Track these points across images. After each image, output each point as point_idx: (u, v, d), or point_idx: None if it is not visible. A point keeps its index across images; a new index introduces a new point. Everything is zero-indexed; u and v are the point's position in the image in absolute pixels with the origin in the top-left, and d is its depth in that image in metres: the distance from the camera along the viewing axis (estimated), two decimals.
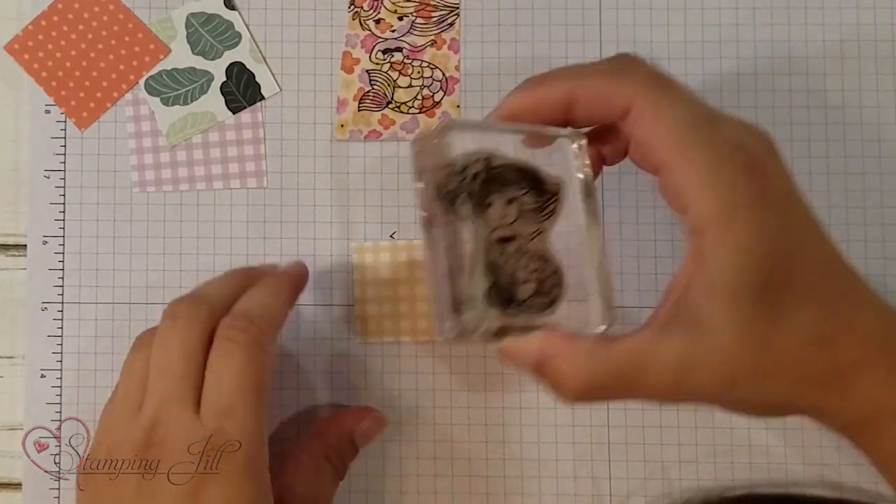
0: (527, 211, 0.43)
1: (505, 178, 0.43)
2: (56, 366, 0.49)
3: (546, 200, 0.43)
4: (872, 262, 0.49)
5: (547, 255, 0.43)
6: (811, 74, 0.50)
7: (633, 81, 0.38)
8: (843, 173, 0.49)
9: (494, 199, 0.43)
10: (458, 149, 0.42)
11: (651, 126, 0.37)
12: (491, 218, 0.43)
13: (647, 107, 0.37)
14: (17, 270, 0.50)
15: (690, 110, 0.37)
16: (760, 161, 0.37)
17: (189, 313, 0.41)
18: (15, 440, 0.49)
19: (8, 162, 0.51)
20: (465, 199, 0.42)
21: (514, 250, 0.43)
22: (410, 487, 0.48)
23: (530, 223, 0.43)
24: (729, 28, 0.50)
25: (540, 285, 0.43)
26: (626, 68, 0.39)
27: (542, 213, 0.43)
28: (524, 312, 0.42)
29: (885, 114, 0.49)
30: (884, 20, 0.50)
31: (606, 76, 0.39)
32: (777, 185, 0.37)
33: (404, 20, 0.50)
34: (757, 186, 0.36)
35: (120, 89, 0.50)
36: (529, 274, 0.43)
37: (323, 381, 0.49)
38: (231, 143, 0.50)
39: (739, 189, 0.36)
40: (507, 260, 0.43)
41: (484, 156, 0.43)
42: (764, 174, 0.37)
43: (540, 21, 0.50)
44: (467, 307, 0.42)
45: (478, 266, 0.42)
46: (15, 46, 0.51)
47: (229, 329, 0.41)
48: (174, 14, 0.51)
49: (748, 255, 0.36)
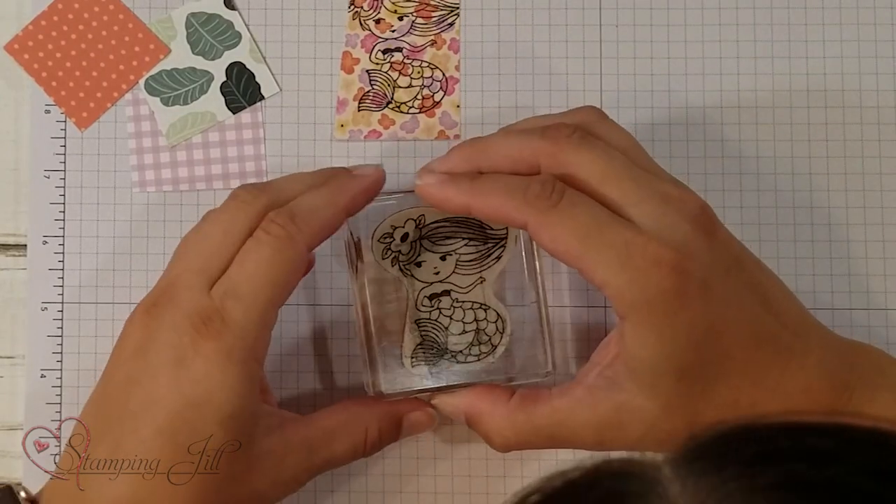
0: (466, 262, 0.44)
1: (442, 234, 0.44)
2: (56, 366, 0.49)
3: (491, 247, 0.45)
4: (872, 262, 0.49)
5: (488, 304, 0.44)
6: (811, 75, 0.50)
7: (524, 203, 0.40)
8: (844, 173, 0.49)
9: (427, 256, 0.44)
10: (391, 210, 0.44)
11: (549, 243, 0.40)
12: (422, 276, 0.45)
13: (539, 227, 0.40)
14: (17, 270, 0.50)
15: (587, 217, 0.39)
16: (674, 250, 0.38)
17: (246, 198, 0.42)
18: (15, 440, 0.49)
19: (8, 162, 0.51)
20: (395, 260, 0.44)
21: (448, 304, 0.45)
22: (410, 487, 0.48)
23: (469, 274, 0.45)
24: (729, 28, 0.50)
25: (478, 335, 0.44)
26: (520, 189, 0.40)
27: (485, 261, 0.44)
28: (461, 363, 0.44)
29: (884, 114, 0.49)
30: (884, 20, 0.50)
31: (504, 196, 0.40)
32: (695, 269, 0.38)
33: (404, 20, 0.50)
34: (671, 277, 0.38)
35: (120, 89, 0.50)
36: (466, 325, 0.45)
37: (323, 381, 0.49)
38: (231, 143, 0.50)
39: (652, 282, 0.38)
40: (439, 315, 0.45)
41: (415, 215, 0.44)
42: (680, 261, 0.38)
43: (540, 21, 0.50)
44: (382, 369, 0.44)
45: (406, 324, 0.44)
46: (15, 46, 0.51)
47: (269, 222, 0.41)
48: (174, 14, 0.51)
49: (665, 345, 0.38)
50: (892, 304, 0.48)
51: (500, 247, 0.45)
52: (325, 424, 0.44)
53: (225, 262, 0.41)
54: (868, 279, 0.49)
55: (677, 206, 0.39)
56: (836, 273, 0.49)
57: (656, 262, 0.38)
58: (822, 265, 0.49)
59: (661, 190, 0.40)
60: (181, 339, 0.40)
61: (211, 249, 0.41)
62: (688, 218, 0.39)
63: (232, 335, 0.40)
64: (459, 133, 0.50)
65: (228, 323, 0.40)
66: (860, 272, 0.49)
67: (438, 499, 0.48)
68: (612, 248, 0.38)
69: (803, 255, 0.49)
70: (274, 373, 0.49)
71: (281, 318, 0.49)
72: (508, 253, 0.45)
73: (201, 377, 0.39)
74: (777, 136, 0.49)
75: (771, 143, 0.49)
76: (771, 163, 0.49)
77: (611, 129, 0.42)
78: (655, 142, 0.49)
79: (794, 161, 0.49)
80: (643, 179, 0.40)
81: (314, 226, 0.42)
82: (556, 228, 0.39)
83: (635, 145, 0.42)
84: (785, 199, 0.49)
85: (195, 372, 0.39)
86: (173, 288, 0.41)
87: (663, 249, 0.38)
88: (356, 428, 0.44)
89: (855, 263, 0.49)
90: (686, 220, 0.39)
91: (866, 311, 0.48)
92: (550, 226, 0.39)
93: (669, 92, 0.50)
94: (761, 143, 0.49)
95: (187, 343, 0.40)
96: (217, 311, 0.40)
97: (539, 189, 0.40)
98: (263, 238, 0.41)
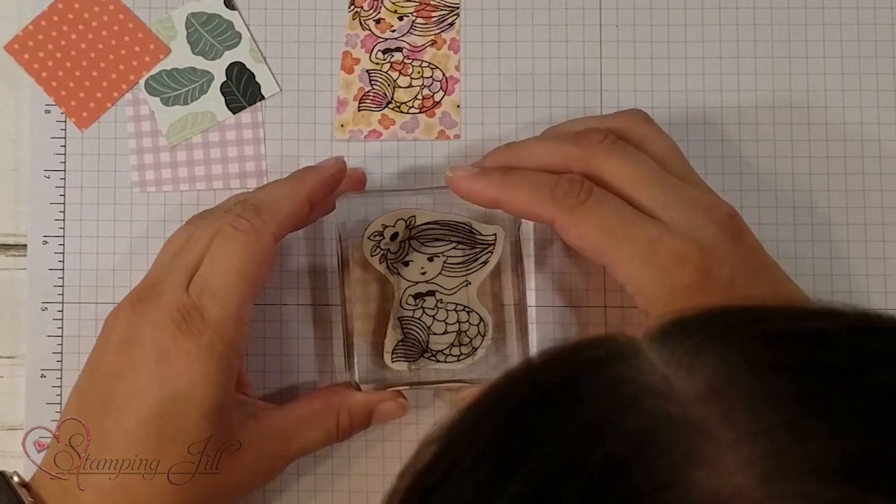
0: (453, 265, 0.45)
1: (431, 235, 0.45)
2: (56, 366, 0.49)
3: (479, 252, 0.45)
4: (872, 262, 0.49)
5: (471, 307, 0.45)
6: (811, 75, 0.50)
7: (552, 201, 0.41)
8: (844, 173, 0.49)
9: (415, 256, 0.45)
10: (382, 208, 0.46)
11: (576, 239, 0.41)
12: (409, 275, 0.46)
13: (567, 224, 0.41)
14: (17, 270, 0.50)
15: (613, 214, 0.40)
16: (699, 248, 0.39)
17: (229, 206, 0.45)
18: (15, 440, 0.49)
19: (8, 162, 0.51)
20: (383, 258, 0.45)
21: (432, 305, 0.46)
22: None
23: (455, 277, 0.46)
24: (729, 28, 0.50)
25: (460, 336, 0.45)
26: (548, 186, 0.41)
27: (472, 265, 0.45)
28: (441, 362, 0.46)
29: (885, 114, 0.49)
30: (884, 20, 0.50)
31: (533, 192, 0.42)
32: (720, 268, 0.39)
33: (404, 20, 0.50)
34: (695, 273, 0.39)
35: (120, 89, 0.50)
36: (449, 326, 0.46)
37: (323, 381, 0.49)
38: (231, 143, 0.50)
39: (676, 278, 0.39)
40: (422, 314, 0.46)
41: (406, 216, 0.44)
42: (704, 259, 0.39)
43: (540, 21, 0.50)
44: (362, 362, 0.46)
45: (390, 321, 0.46)
46: (15, 46, 0.51)
47: (236, 217, 0.43)
48: (174, 14, 0.51)
49: None
50: (892, 304, 0.48)
51: (488, 252, 0.46)
52: (299, 413, 0.45)
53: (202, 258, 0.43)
54: (868, 279, 0.49)
55: (705, 209, 0.40)
56: (836, 273, 0.49)
57: (681, 259, 0.39)
58: (822, 265, 0.49)
59: (690, 195, 0.41)
60: (162, 335, 0.41)
61: (191, 247, 0.43)
62: (715, 220, 0.40)
63: (210, 331, 0.41)
64: (459, 133, 0.50)
65: (207, 319, 0.41)
66: (860, 272, 0.49)
67: None
68: (637, 243, 0.39)
69: (803, 255, 0.49)
70: (274, 373, 0.49)
71: (281, 318, 0.49)
72: (495, 258, 0.46)
73: (183, 371, 0.41)
74: (777, 136, 0.49)
75: (771, 143, 0.49)
76: (771, 163, 0.49)
77: (650, 134, 0.43)
78: None
79: (794, 161, 0.49)
80: (671, 185, 0.41)
81: (279, 217, 0.43)
82: (583, 225, 0.40)
83: (674, 151, 0.43)
84: (785, 199, 0.49)
85: (177, 367, 0.41)
86: (157, 285, 0.43)
87: (688, 247, 0.39)
88: (328, 415, 0.45)
89: (855, 263, 0.49)
90: (713, 223, 0.40)
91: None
92: (577, 222, 0.40)
93: (669, 92, 0.50)
94: (761, 143, 0.49)
95: (168, 339, 0.41)
96: (196, 308, 0.41)
97: (567, 187, 0.41)
98: (230, 233, 0.42)
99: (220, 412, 0.41)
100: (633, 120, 0.44)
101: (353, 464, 0.48)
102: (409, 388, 0.47)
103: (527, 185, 0.42)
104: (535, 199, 0.42)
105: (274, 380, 0.49)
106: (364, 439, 0.48)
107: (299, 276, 0.49)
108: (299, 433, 0.45)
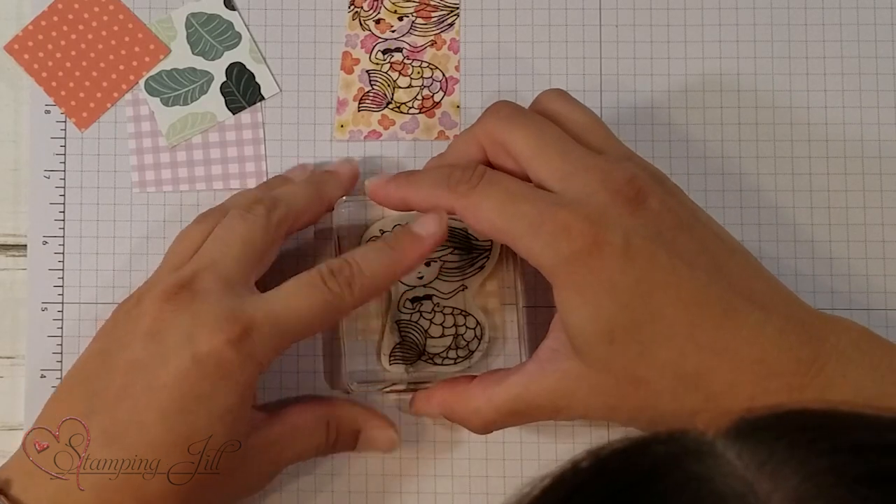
0: (450, 269, 0.45)
1: None
2: (56, 366, 0.49)
3: (475, 257, 0.46)
4: (872, 262, 0.49)
5: (468, 311, 0.45)
6: (811, 75, 0.50)
7: (448, 191, 0.42)
8: (844, 173, 0.49)
9: None
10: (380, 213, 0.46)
11: (476, 224, 0.42)
12: (406, 278, 0.47)
13: (464, 209, 0.42)
14: (17, 270, 0.50)
15: (503, 192, 0.41)
16: (583, 216, 0.40)
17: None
18: (15, 440, 0.49)
19: (8, 162, 0.51)
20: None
21: (429, 308, 0.46)
22: (410, 487, 0.48)
23: (452, 281, 0.46)
24: (729, 28, 0.50)
25: (456, 340, 0.46)
26: (444, 177, 0.42)
27: (468, 269, 0.45)
28: (437, 365, 0.46)
29: (884, 114, 0.49)
30: (884, 20, 0.50)
31: (433, 187, 0.43)
32: (608, 233, 0.39)
33: (404, 20, 0.50)
34: (580, 239, 0.39)
35: (120, 89, 0.50)
36: (446, 330, 0.46)
37: (323, 382, 0.49)
38: (231, 143, 0.50)
39: (563, 244, 0.39)
40: (420, 318, 0.46)
41: (404, 221, 0.45)
42: (589, 226, 0.39)
43: (540, 21, 0.50)
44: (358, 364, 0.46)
45: (387, 324, 0.46)
46: (15, 46, 0.51)
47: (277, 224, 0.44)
48: (174, 14, 0.51)
49: (589, 307, 0.39)
50: (892, 305, 0.48)
51: (484, 257, 0.46)
52: (294, 422, 0.45)
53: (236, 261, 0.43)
54: (868, 279, 0.49)
55: (600, 176, 0.40)
56: (836, 273, 0.49)
57: (565, 228, 0.39)
58: (822, 265, 0.49)
59: (589, 163, 0.41)
60: (201, 334, 0.40)
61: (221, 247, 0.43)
62: (609, 188, 0.40)
63: (251, 342, 0.41)
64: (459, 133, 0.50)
65: (253, 333, 0.41)
66: (860, 272, 0.49)
67: (438, 499, 0.48)
68: (526, 217, 0.40)
69: (803, 255, 0.49)
70: (274, 373, 0.49)
71: None
72: (492, 263, 0.46)
73: (215, 373, 0.40)
74: (777, 136, 0.49)
75: (771, 144, 0.49)
76: (771, 163, 0.49)
77: (564, 107, 0.44)
78: (656, 142, 0.49)
79: (795, 161, 0.49)
80: (574, 155, 0.41)
81: (293, 213, 0.45)
82: (478, 208, 0.41)
83: (592, 122, 0.44)
84: (785, 200, 0.49)
85: (209, 367, 0.40)
86: (197, 281, 0.42)
87: (572, 216, 0.39)
88: (319, 429, 0.46)
89: (855, 263, 0.49)
90: (605, 189, 0.40)
91: (866, 311, 0.48)
92: (473, 207, 0.41)
93: (669, 92, 0.50)
94: (761, 144, 0.49)
95: (206, 339, 0.40)
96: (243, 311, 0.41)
97: (460, 174, 0.42)
98: (244, 216, 0.44)
99: (236, 418, 0.41)
100: (548, 97, 0.45)
101: (353, 464, 0.48)
102: (405, 390, 0.47)
103: (427, 180, 0.43)
104: (434, 192, 0.42)
105: (274, 380, 0.49)
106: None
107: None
108: (293, 443, 0.45)
